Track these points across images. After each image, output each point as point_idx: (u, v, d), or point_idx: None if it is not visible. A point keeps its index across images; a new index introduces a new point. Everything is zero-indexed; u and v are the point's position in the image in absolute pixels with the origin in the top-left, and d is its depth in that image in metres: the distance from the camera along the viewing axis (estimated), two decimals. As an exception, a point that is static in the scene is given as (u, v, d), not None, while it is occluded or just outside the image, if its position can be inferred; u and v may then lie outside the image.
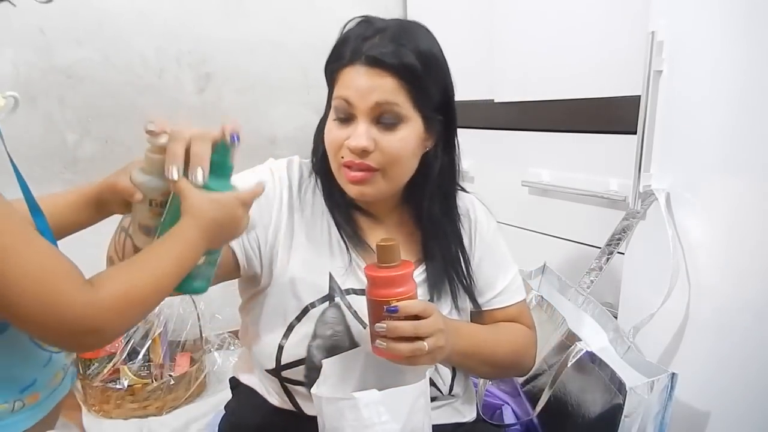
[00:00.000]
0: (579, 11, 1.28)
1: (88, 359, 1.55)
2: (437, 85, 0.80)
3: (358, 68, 0.74)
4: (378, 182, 0.78)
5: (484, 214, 0.93)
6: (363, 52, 0.74)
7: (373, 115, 0.75)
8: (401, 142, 0.76)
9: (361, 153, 0.75)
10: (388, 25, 0.77)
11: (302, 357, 0.81)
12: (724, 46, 0.89)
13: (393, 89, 0.74)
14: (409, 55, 0.74)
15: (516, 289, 0.92)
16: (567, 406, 0.97)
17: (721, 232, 0.93)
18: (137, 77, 1.84)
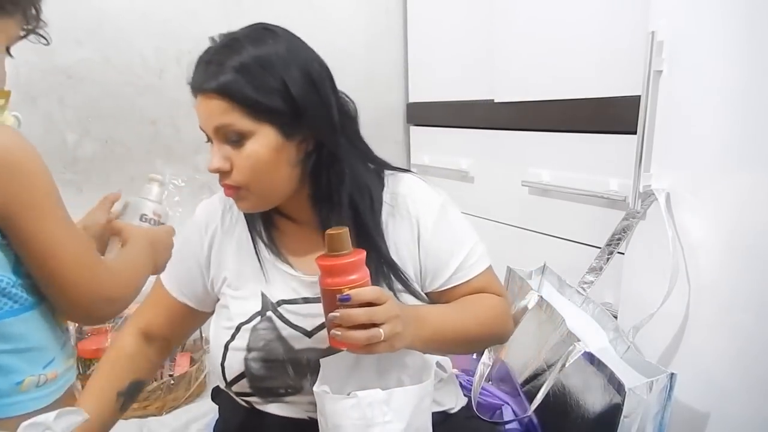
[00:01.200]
0: (579, 11, 1.28)
1: (88, 359, 1.55)
2: (270, 90, 0.76)
3: (198, 98, 0.78)
4: (248, 197, 0.80)
5: (425, 194, 0.89)
6: (192, 83, 0.79)
7: (219, 136, 0.77)
8: (249, 158, 0.77)
9: (220, 174, 0.78)
10: (211, 46, 0.81)
11: (241, 371, 0.84)
12: (724, 46, 0.89)
13: (222, 111, 0.75)
14: (225, 73, 0.75)
15: (475, 261, 0.87)
16: (566, 406, 0.97)
17: (721, 232, 0.93)
18: (137, 77, 1.84)
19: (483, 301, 0.87)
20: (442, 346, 0.82)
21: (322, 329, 0.83)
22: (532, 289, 1.11)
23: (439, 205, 0.88)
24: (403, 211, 0.87)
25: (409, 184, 0.89)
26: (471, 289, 0.88)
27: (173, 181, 1.94)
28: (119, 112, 1.84)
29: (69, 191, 2.09)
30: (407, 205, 0.87)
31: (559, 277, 1.15)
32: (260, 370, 0.83)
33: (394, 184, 0.88)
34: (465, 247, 0.87)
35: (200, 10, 1.89)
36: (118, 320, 1.61)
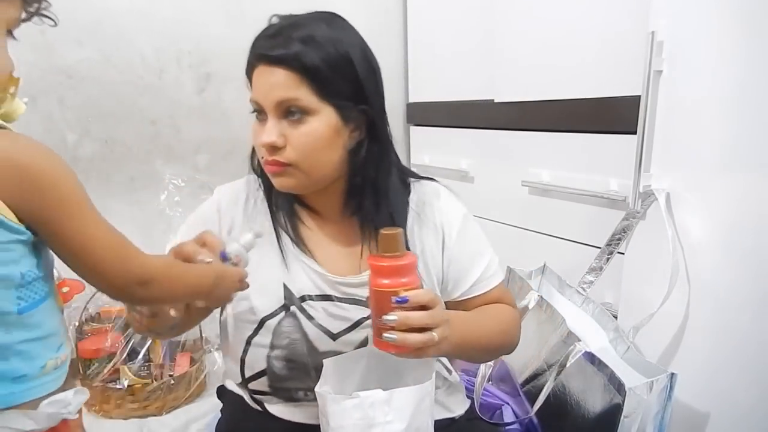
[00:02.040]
0: (579, 11, 1.28)
1: (88, 359, 1.56)
2: (341, 72, 0.76)
3: (259, 69, 0.76)
4: (295, 174, 0.78)
5: (450, 203, 0.90)
6: (256, 51, 0.77)
7: (279, 111, 0.76)
8: (309, 135, 0.76)
9: (271, 149, 0.76)
10: (288, 21, 0.77)
11: (263, 368, 0.83)
12: (724, 46, 0.89)
13: (291, 84, 0.74)
14: (298, 45, 0.73)
15: (493, 274, 0.89)
16: (566, 406, 0.97)
17: (721, 232, 0.93)
18: (137, 77, 1.84)
19: (501, 310, 0.88)
20: (464, 352, 0.82)
21: (348, 332, 0.82)
22: (532, 289, 1.11)
23: (462, 216, 0.89)
24: (429, 218, 0.87)
25: (434, 192, 0.90)
26: (487, 300, 0.89)
27: (173, 181, 1.94)
28: (119, 112, 1.84)
29: (69, 191, 2.06)
30: (433, 213, 0.88)
31: (559, 277, 1.15)
32: (283, 369, 0.82)
33: (420, 191, 0.89)
34: (485, 258, 0.89)
35: (200, 10, 1.89)
36: (118, 320, 1.61)
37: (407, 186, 0.89)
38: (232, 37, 1.92)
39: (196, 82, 1.93)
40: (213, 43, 1.91)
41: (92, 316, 1.67)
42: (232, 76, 1.95)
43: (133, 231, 2.18)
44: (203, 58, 1.91)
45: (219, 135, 1.98)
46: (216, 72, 1.93)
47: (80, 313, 1.65)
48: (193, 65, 1.91)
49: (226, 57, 1.92)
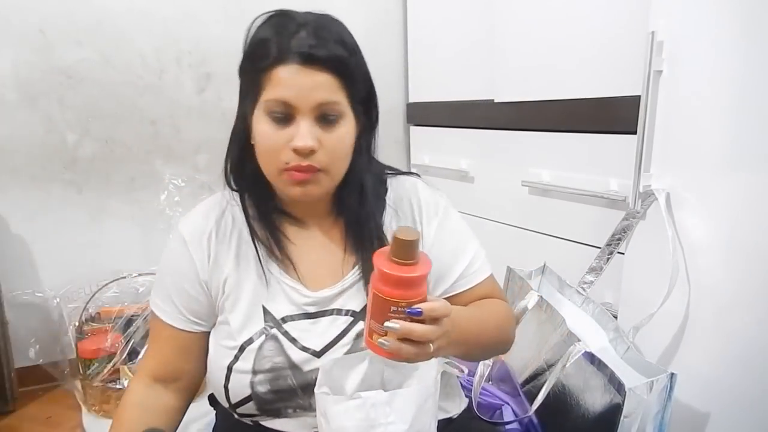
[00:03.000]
0: (579, 11, 1.28)
1: (88, 359, 1.55)
2: (363, 76, 0.77)
3: (291, 66, 0.70)
4: (322, 180, 0.75)
5: (428, 197, 0.87)
6: (293, 48, 0.70)
7: (314, 114, 0.72)
8: (341, 140, 0.74)
9: (300, 153, 0.72)
10: (308, 19, 0.73)
11: (248, 394, 0.79)
12: (724, 46, 0.89)
13: (332, 86, 0.71)
14: (339, 48, 0.72)
15: (478, 269, 0.85)
16: (566, 405, 0.97)
17: (721, 232, 0.93)
18: (137, 77, 1.84)
19: (495, 305, 0.85)
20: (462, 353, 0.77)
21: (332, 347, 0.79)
22: (532, 289, 1.11)
23: (442, 209, 0.86)
24: (406, 213, 0.85)
25: (410, 186, 0.88)
26: (475, 297, 0.85)
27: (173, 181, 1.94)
28: (119, 112, 1.84)
29: (69, 191, 2.11)
30: (411, 208, 0.85)
31: (559, 277, 1.15)
32: (268, 394, 0.79)
33: (396, 186, 0.87)
34: (468, 253, 0.85)
35: (200, 10, 1.89)
36: (118, 320, 1.61)
37: (383, 182, 0.87)
38: (232, 37, 1.90)
39: (196, 82, 1.93)
40: (213, 43, 1.91)
41: (92, 316, 1.67)
42: (232, 76, 1.94)
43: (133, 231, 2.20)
44: (203, 58, 1.91)
45: (219, 135, 1.96)
46: (216, 72, 1.94)
47: (80, 313, 1.65)
48: (193, 65, 1.91)
49: (226, 57, 1.91)
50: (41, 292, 1.78)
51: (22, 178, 1.74)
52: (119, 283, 1.69)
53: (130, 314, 1.61)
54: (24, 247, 1.78)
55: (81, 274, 1.74)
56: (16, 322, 1.71)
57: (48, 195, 1.78)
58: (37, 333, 1.77)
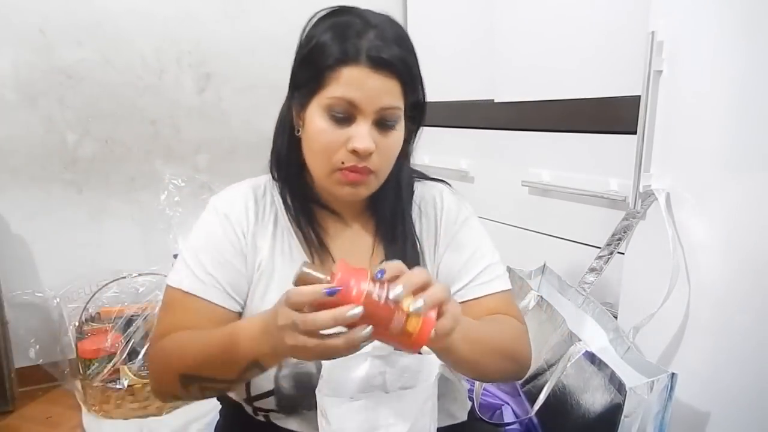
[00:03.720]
0: (579, 11, 1.28)
1: (88, 359, 1.56)
2: (420, 85, 0.77)
3: (362, 68, 0.69)
4: (372, 182, 0.76)
5: (453, 203, 0.88)
6: (365, 51, 0.69)
7: (374, 117, 0.72)
8: (396, 144, 0.76)
9: (356, 155, 0.71)
10: (372, 20, 0.73)
11: (271, 389, 0.78)
12: (724, 46, 0.89)
13: (397, 92, 0.72)
14: (406, 53, 0.72)
15: (491, 280, 0.83)
16: (567, 405, 0.97)
17: (721, 232, 0.93)
18: (137, 77, 1.84)
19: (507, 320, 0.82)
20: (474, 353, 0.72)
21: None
22: (532, 289, 1.11)
23: (463, 218, 0.87)
24: (430, 217, 0.86)
25: (437, 192, 0.89)
26: (486, 309, 0.82)
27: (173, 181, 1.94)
28: (119, 112, 1.84)
29: (69, 191, 2.11)
30: (435, 212, 0.87)
31: (559, 277, 1.15)
32: (291, 389, 0.78)
33: (424, 191, 0.88)
34: (482, 261, 0.84)
35: (200, 10, 1.89)
36: (118, 320, 1.61)
37: (412, 185, 0.88)
38: (232, 37, 1.92)
39: (195, 82, 1.93)
40: (213, 43, 1.91)
41: (92, 316, 1.67)
42: (232, 76, 1.95)
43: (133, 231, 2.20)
44: (203, 58, 1.91)
45: (219, 135, 1.98)
46: (216, 72, 1.94)
47: (80, 313, 1.65)
48: (193, 65, 1.91)
49: (226, 57, 1.92)
50: (41, 292, 1.78)
51: (22, 178, 1.74)
52: (119, 283, 1.69)
53: (130, 314, 1.61)
54: (24, 247, 1.78)
55: (81, 274, 1.74)
56: (16, 322, 1.72)
57: (48, 195, 1.78)
58: (37, 333, 1.77)
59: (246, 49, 1.93)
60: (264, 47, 1.95)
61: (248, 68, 1.95)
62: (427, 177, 0.92)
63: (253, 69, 1.96)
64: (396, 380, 0.76)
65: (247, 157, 2.00)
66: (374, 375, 0.76)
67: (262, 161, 0.86)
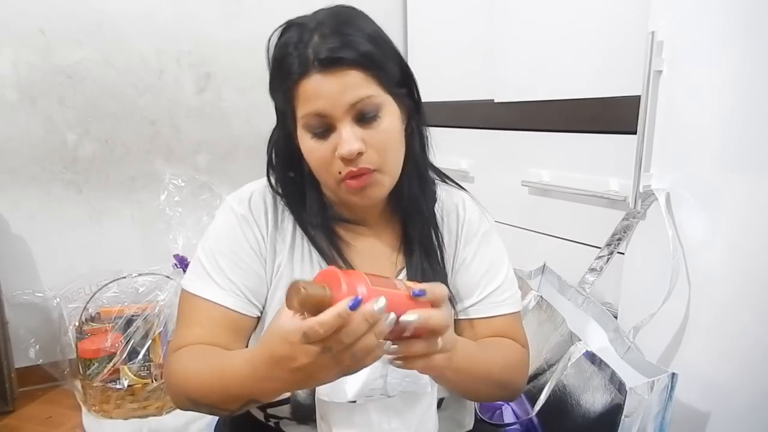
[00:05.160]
0: (579, 11, 1.28)
1: (88, 359, 1.56)
2: (392, 59, 0.74)
3: (315, 77, 0.67)
4: (380, 181, 0.72)
5: (476, 214, 0.85)
6: (310, 58, 0.67)
7: (351, 116, 0.69)
8: (387, 132, 0.71)
9: (348, 161, 0.69)
10: (320, 20, 0.70)
11: (286, 397, 0.75)
12: (724, 46, 0.89)
13: (361, 82, 0.68)
14: (360, 41, 0.69)
15: (505, 300, 0.82)
16: (567, 406, 0.97)
17: (721, 232, 0.93)
18: (137, 78, 1.84)
19: (508, 347, 0.81)
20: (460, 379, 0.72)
21: None
22: (532, 289, 1.11)
23: (483, 233, 0.84)
24: (451, 227, 0.84)
25: (460, 201, 0.86)
26: (491, 330, 0.81)
27: (173, 181, 1.94)
28: (119, 112, 1.84)
29: (69, 191, 2.11)
30: (457, 222, 0.84)
31: (559, 277, 1.15)
32: (308, 399, 0.75)
33: (446, 198, 0.86)
34: (496, 280, 0.82)
35: (200, 10, 1.89)
36: (118, 320, 1.61)
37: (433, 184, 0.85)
38: (232, 37, 1.92)
39: (195, 82, 1.93)
40: (213, 43, 1.91)
41: (92, 316, 1.67)
42: (231, 76, 1.95)
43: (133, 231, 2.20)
44: (203, 58, 1.91)
45: (219, 135, 1.98)
46: (216, 72, 1.94)
47: (80, 313, 1.65)
48: (192, 65, 1.91)
49: (226, 57, 1.92)
50: (41, 292, 1.78)
51: (22, 178, 1.74)
52: (119, 283, 1.69)
53: (130, 314, 1.61)
54: (24, 247, 1.78)
55: (81, 274, 1.74)
56: (16, 322, 1.72)
57: (48, 195, 1.78)
58: (37, 333, 1.77)
59: (246, 49, 1.93)
60: (264, 47, 1.95)
61: (248, 68, 1.95)
62: (446, 177, 0.89)
63: (253, 69, 1.96)
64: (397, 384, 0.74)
65: (247, 157, 2.00)
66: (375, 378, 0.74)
67: (261, 161, 0.85)
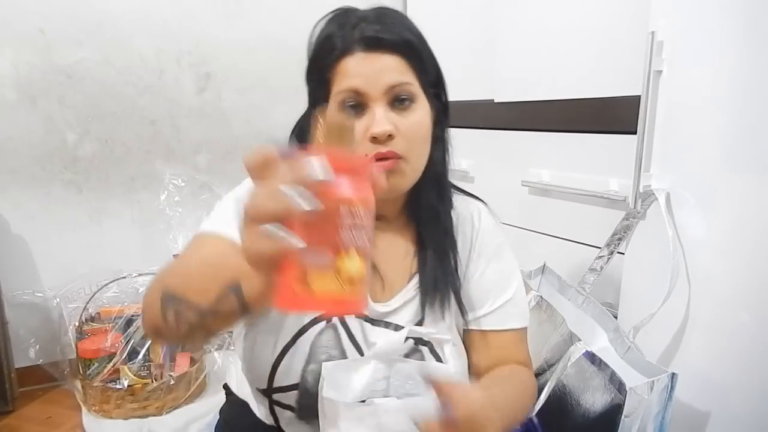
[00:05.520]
0: (579, 11, 1.28)
1: (88, 359, 1.56)
2: (431, 59, 0.76)
3: (358, 55, 0.69)
4: (405, 170, 0.72)
5: (491, 225, 0.86)
6: (357, 37, 0.69)
7: (386, 99, 0.70)
8: (418, 123, 0.72)
9: (387, 139, 0.69)
10: (369, 12, 0.73)
11: (296, 382, 0.75)
12: (724, 46, 0.89)
13: (402, 68, 0.70)
14: (403, 31, 0.72)
15: (515, 313, 0.84)
16: (567, 406, 0.97)
17: (721, 232, 0.93)
18: (137, 78, 1.84)
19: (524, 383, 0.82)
20: None
21: None
22: (532, 289, 1.11)
23: (496, 244, 0.85)
24: (466, 236, 0.84)
25: (475, 210, 0.87)
26: (501, 343, 0.83)
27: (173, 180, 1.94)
28: (119, 112, 1.84)
29: (69, 191, 2.11)
30: (472, 232, 0.84)
31: (559, 277, 1.15)
32: (315, 386, 0.74)
33: (461, 207, 0.86)
34: (507, 293, 0.83)
35: (200, 10, 1.89)
36: (118, 320, 1.61)
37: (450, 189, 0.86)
38: (232, 37, 1.92)
39: (195, 82, 1.93)
40: (213, 43, 1.91)
41: (92, 316, 1.67)
42: (231, 76, 1.95)
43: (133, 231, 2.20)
44: (203, 58, 1.91)
45: (219, 135, 1.98)
46: (216, 72, 1.94)
47: (80, 313, 1.65)
48: (192, 65, 1.91)
49: (226, 57, 1.92)
50: (41, 292, 1.78)
51: (22, 178, 1.74)
52: (119, 283, 1.69)
53: (130, 314, 1.61)
54: (24, 247, 1.78)
55: (81, 274, 1.74)
56: (16, 322, 1.72)
57: (48, 195, 1.78)
58: (37, 333, 1.77)
59: (246, 49, 1.93)
60: (264, 47, 1.96)
61: (248, 68, 1.95)
62: (462, 190, 0.90)
63: (253, 69, 1.96)
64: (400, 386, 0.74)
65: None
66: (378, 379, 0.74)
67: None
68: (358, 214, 0.40)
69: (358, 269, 0.41)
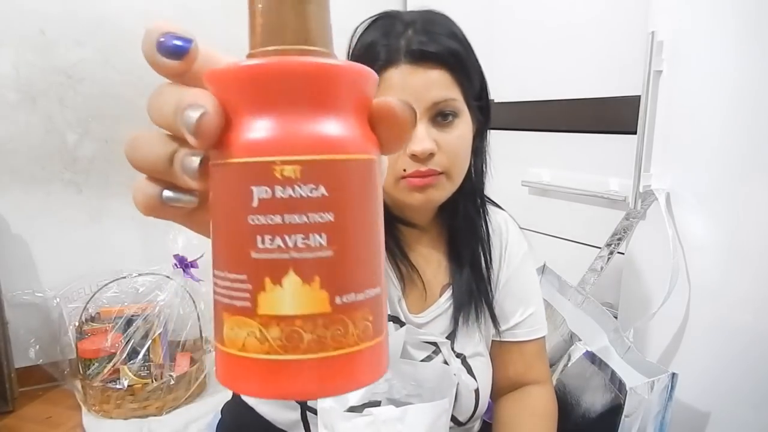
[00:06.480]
0: (578, 11, 1.28)
1: (88, 359, 1.56)
2: (476, 70, 0.74)
3: (403, 68, 0.66)
4: (444, 184, 0.70)
5: (516, 236, 0.86)
6: (402, 48, 0.66)
7: (429, 115, 0.67)
8: (461, 138, 0.70)
9: (427, 157, 0.67)
10: (414, 17, 0.70)
11: None
12: (724, 46, 0.89)
13: (447, 83, 0.67)
14: (450, 41, 0.68)
15: (536, 325, 0.83)
16: (567, 406, 0.97)
17: (721, 232, 0.93)
18: (137, 78, 1.84)
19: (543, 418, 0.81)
20: None
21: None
22: (532, 289, 1.11)
23: (522, 254, 0.85)
24: (495, 246, 0.83)
25: (503, 221, 0.87)
26: (524, 354, 0.83)
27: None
28: (119, 112, 1.84)
29: (69, 191, 2.11)
30: (501, 242, 0.84)
31: (559, 277, 1.15)
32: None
33: (492, 216, 0.86)
34: (531, 306, 0.83)
35: (200, 10, 1.89)
36: (118, 320, 1.61)
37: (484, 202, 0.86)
38: (232, 37, 1.92)
39: (196, 82, 1.93)
40: (213, 44, 1.90)
41: (92, 316, 1.67)
42: (232, 76, 1.95)
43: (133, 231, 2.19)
44: (203, 58, 1.91)
45: (219, 135, 1.98)
46: (216, 72, 1.94)
47: (80, 313, 1.65)
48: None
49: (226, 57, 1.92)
50: (41, 292, 1.78)
51: (22, 178, 1.74)
52: (119, 283, 1.69)
53: (130, 314, 1.61)
54: (24, 247, 1.78)
55: (81, 274, 1.74)
56: (16, 322, 1.71)
57: (48, 195, 1.78)
58: (37, 333, 1.77)
59: (246, 50, 1.93)
60: (264, 47, 1.95)
61: (248, 68, 1.95)
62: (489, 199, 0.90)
63: (253, 69, 1.96)
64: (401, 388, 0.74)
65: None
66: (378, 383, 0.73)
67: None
68: (302, 194, 0.22)
69: (303, 305, 0.22)
